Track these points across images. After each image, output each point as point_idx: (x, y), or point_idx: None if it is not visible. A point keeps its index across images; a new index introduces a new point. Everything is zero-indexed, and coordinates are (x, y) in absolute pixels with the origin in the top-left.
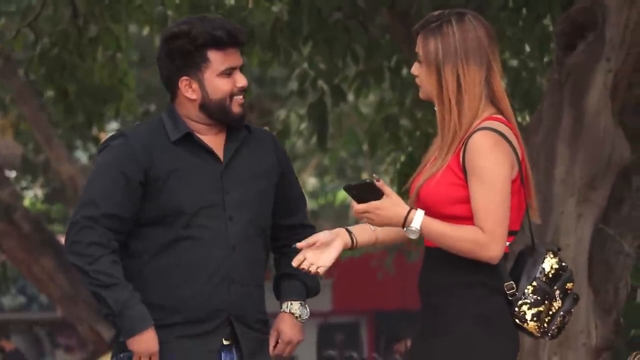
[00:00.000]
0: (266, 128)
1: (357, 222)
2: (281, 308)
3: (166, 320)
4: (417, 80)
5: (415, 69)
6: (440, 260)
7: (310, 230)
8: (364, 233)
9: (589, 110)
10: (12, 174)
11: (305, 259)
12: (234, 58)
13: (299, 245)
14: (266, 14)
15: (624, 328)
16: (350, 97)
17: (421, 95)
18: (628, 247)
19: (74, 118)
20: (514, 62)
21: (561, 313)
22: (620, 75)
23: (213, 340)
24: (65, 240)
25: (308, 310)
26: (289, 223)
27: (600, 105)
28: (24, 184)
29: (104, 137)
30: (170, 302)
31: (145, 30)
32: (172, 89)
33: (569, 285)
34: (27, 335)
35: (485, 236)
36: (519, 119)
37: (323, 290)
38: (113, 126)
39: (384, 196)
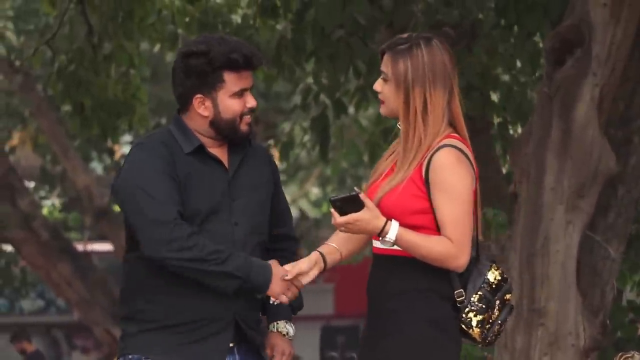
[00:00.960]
0: (271, 140)
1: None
2: (268, 328)
3: (175, 320)
4: (381, 97)
5: (379, 85)
6: (391, 267)
7: (295, 242)
8: (333, 255)
9: (577, 123)
10: (31, 185)
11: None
12: (247, 80)
13: (287, 278)
14: (271, 32)
15: (611, 329)
16: (351, 110)
17: (383, 111)
18: (614, 252)
19: (89, 131)
20: (506, 77)
21: (498, 322)
22: (606, 89)
23: (222, 340)
24: (156, 242)
25: (293, 327)
26: (280, 232)
27: (588, 118)
28: (42, 193)
29: (118, 149)
30: (179, 303)
31: (157, 48)
32: (185, 103)
33: (508, 296)
34: (46, 338)
35: (454, 246)
36: (511, 131)
37: (325, 294)
38: (127, 138)
39: (365, 208)
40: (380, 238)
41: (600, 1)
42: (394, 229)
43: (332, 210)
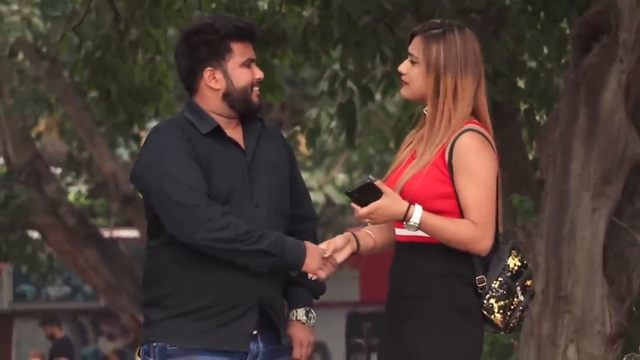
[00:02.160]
0: (298, 127)
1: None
2: (288, 316)
3: (198, 305)
4: (405, 78)
5: (405, 67)
6: (413, 254)
7: (314, 223)
8: (366, 239)
9: (604, 109)
10: (57, 171)
11: None
12: (252, 51)
13: (325, 255)
14: (298, 18)
15: (637, 316)
16: (378, 96)
17: (405, 92)
18: None
19: (115, 117)
20: (533, 64)
21: (520, 308)
22: (633, 75)
23: (246, 324)
24: (189, 224)
25: (314, 314)
26: (298, 214)
27: (614, 104)
28: (68, 180)
29: (144, 135)
30: (202, 288)
31: None
32: (194, 82)
33: (528, 282)
34: (72, 324)
35: (478, 230)
36: (538, 118)
37: (351, 281)
38: (153, 125)
39: (383, 195)
40: (405, 223)
41: None
42: (417, 213)
43: (352, 204)
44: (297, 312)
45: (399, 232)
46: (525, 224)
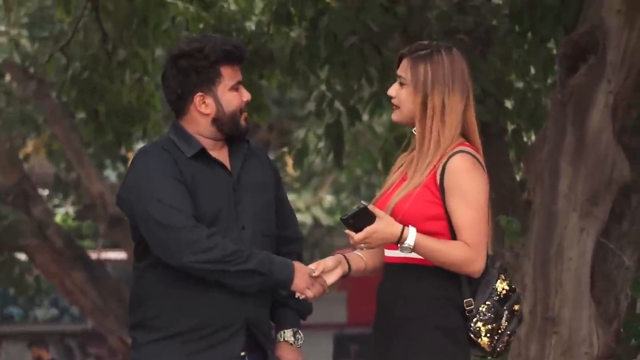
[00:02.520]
0: (285, 147)
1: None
2: (276, 337)
3: (185, 327)
4: (395, 102)
5: (394, 90)
6: (402, 275)
7: (300, 243)
8: (357, 261)
9: (591, 130)
10: (44, 192)
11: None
12: (239, 73)
13: (314, 274)
14: (285, 39)
15: (625, 337)
16: (365, 117)
17: (396, 117)
18: (628, 260)
19: (103, 138)
20: (520, 84)
21: (508, 332)
22: (620, 96)
23: (233, 347)
24: (175, 246)
25: (301, 335)
26: (283, 235)
27: (602, 125)
28: (56, 201)
29: (131, 156)
30: (189, 310)
31: None
32: (183, 106)
33: (516, 307)
34: (60, 346)
35: (471, 251)
36: (525, 138)
37: (339, 302)
38: (140, 145)
39: (377, 219)
40: (399, 245)
41: (615, 7)
42: (412, 235)
43: (347, 230)
44: (284, 333)
45: (388, 253)
46: (513, 244)
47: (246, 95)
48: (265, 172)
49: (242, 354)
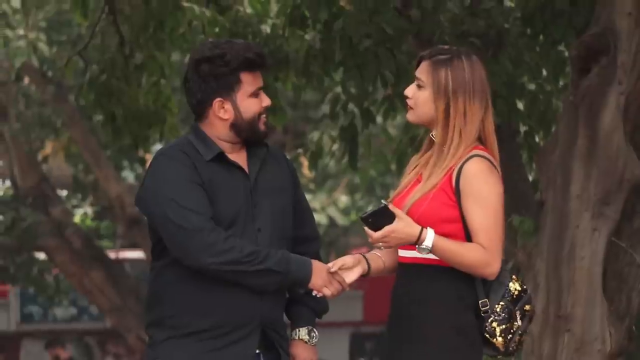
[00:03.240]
0: (300, 149)
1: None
2: (291, 335)
3: (202, 326)
4: (411, 102)
5: (411, 91)
6: (416, 275)
7: (317, 243)
8: (376, 261)
9: (603, 131)
10: (63, 193)
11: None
12: (260, 79)
13: (332, 270)
14: (300, 41)
15: (637, 335)
16: (379, 119)
17: (411, 117)
18: (639, 258)
19: (121, 140)
20: (532, 86)
21: (519, 332)
22: (631, 97)
23: (249, 346)
24: (193, 248)
25: (316, 333)
26: (301, 234)
27: (613, 126)
28: (74, 202)
29: (149, 158)
30: (206, 309)
31: (187, 58)
32: (203, 110)
33: (527, 307)
34: (79, 345)
35: (487, 254)
36: (537, 139)
37: (355, 301)
38: (157, 148)
39: (396, 219)
40: (417, 246)
41: (626, 10)
42: (430, 236)
43: (366, 228)
44: (299, 331)
45: (402, 253)
46: (526, 244)
47: (266, 101)
48: (283, 174)
49: (257, 352)
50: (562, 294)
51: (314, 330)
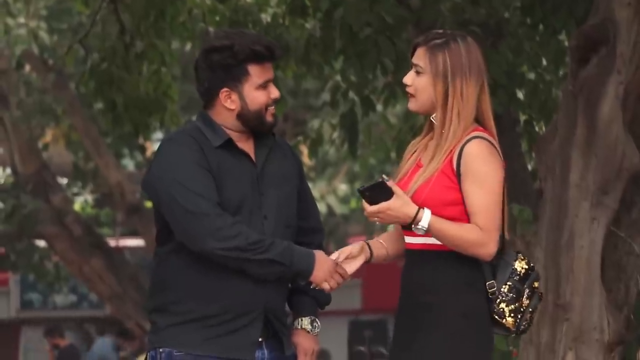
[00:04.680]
0: (300, 137)
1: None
2: (293, 324)
3: (205, 312)
4: (411, 90)
5: (410, 78)
6: (424, 261)
7: (321, 235)
8: (379, 248)
9: (602, 120)
10: (63, 181)
11: None
12: (270, 71)
13: (338, 260)
14: (300, 30)
15: (635, 324)
16: (379, 107)
17: (413, 105)
18: (638, 248)
19: (121, 128)
20: (532, 75)
21: (529, 310)
22: (630, 87)
23: (252, 333)
24: (199, 233)
25: (319, 323)
26: (305, 226)
27: (612, 115)
28: (74, 190)
29: (149, 146)
30: (210, 295)
31: (188, 46)
32: (210, 98)
33: (536, 284)
34: (78, 332)
35: (484, 234)
36: (537, 129)
37: (353, 289)
38: (158, 135)
39: (394, 196)
40: (413, 227)
41: (625, 0)
42: (426, 217)
43: (363, 200)
44: (302, 320)
45: (409, 239)
46: (525, 233)
47: (274, 93)
48: (289, 164)
49: (260, 339)
50: (560, 283)
51: (317, 320)
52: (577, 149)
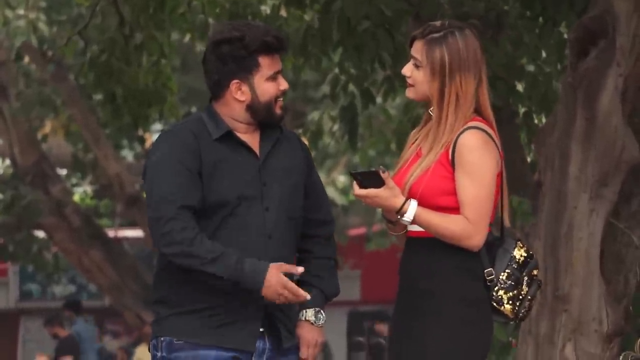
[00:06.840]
0: (300, 129)
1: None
2: (298, 316)
3: (206, 303)
4: (410, 81)
5: (409, 70)
6: (424, 249)
7: (331, 227)
8: None
9: (601, 112)
10: (63, 172)
11: None
12: (279, 63)
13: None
14: (299, 22)
15: (634, 315)
16: (379, 100)
17: (411, 94)
18: (637, 239)
19: (120, 119)
20: (531, 67)
21: (528, 297)
22: (630, 79)
23: (253, 324)
24: (155, 237)
25: (323, 315)
26: (315, 217)
27: (612, 108)
28: (74, 181)
29: (148, 137)
30: (209, 286)
31: (187, 38)
32: (220, 90)
33: (535, 272)
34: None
35: (471, 226)
36: (536, 121)
37: (353, 280)
38: (157, 127)
39: (385, 186)
40: (399, 217)
41: None
42: (412, 209)
43: (354, 182)
44: (306, 312)
45: (411, 227)
46: (524, 225)
47: (283, 85)
48: (296, 156)
49: (261, 330)
50: (559, 275)
51: (321, 312)
52: (576, 141)
